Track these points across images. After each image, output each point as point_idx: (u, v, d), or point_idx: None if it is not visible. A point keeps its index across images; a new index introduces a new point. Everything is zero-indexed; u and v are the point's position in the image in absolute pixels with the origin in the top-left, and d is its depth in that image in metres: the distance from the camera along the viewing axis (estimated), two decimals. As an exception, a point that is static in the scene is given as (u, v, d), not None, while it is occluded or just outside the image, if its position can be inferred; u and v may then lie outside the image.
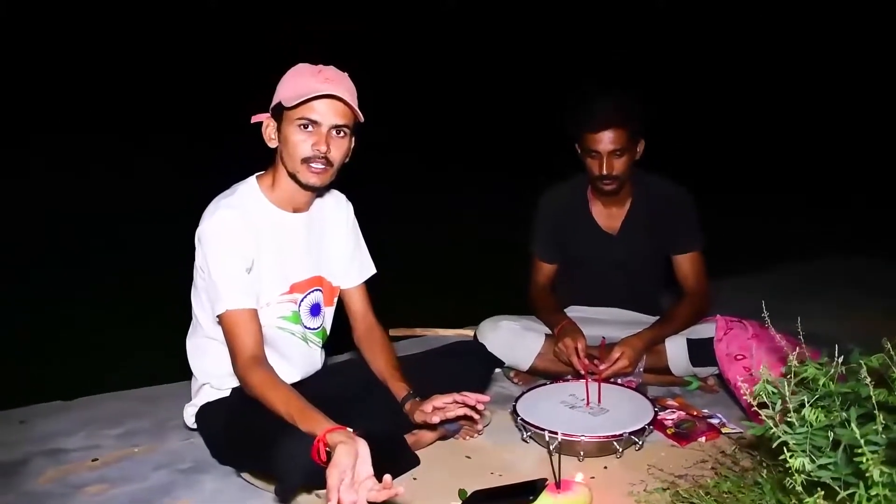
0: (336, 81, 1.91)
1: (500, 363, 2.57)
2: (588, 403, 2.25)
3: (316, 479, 1.77)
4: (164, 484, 2.02)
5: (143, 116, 8.80)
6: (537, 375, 2.57)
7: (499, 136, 8.07)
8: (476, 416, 1.98)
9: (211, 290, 1.93)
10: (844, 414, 1.47)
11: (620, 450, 2.06)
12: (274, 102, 1.94)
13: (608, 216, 2.70)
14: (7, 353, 3.29)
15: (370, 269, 2.28)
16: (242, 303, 1.91)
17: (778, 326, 1.90)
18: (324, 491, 1.78)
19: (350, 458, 1.58)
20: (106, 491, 1.99)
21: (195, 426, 2.12)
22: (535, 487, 1.80)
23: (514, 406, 2.22)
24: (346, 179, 2.08)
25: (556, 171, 2.76)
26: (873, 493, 1.21)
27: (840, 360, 1.62)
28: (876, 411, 1.38)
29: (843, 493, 1.28)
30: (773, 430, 1.44)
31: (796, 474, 1.34)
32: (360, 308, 2.25)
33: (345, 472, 1.56)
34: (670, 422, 2.26)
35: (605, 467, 2.06)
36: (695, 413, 2.31)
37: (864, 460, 1.22)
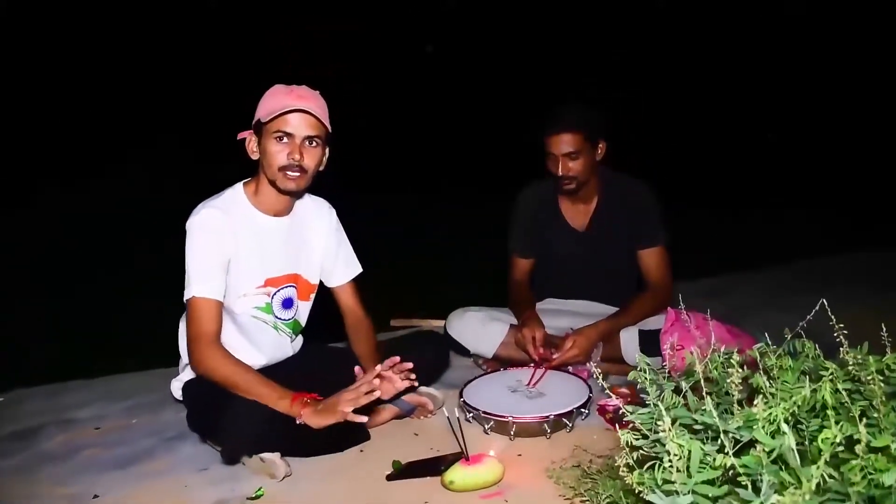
0: (307, 98, 2.16)
1: (464, 351, 2.77)
2: (531, 388, 2.42)
3: (258, 444, 2.05)
4: (148, 448, 2.34)
5: (142, 116, 9.00)
6: (501, 363, 2.75)
7: (498, 135, 8.10)
8: (411, 380, 2.19)
9: (187, 275, 2.19)
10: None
11: (549, 431, 2.23)
12: (254, 120, 2.21)
13: (576, 214, 2.85)
14: (42, 337, 3.71)
15: (355, 269, 2.52)
16: (208, 292, 2.16)
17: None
18: (267, 454, 2.06)
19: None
20: (99, 454, 2.32)
21: (181, 398, 2.41)
22: (448, 460, 2.00)
23: (462, 389, 2.42)
24: (350, 181, 2.29)
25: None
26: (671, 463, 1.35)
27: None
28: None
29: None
30: (622, 411, 1.60)
31: (626, 449, 1.50)
32: (348, 304, 2.50)
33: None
34: (611, 408, 2.41)
35: (516, 452, 2.23)
36: (634, 400, 2.44)
37: (664, 433, 1.36)
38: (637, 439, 1.51)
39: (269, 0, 12.70)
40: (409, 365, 2.19)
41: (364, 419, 2.16)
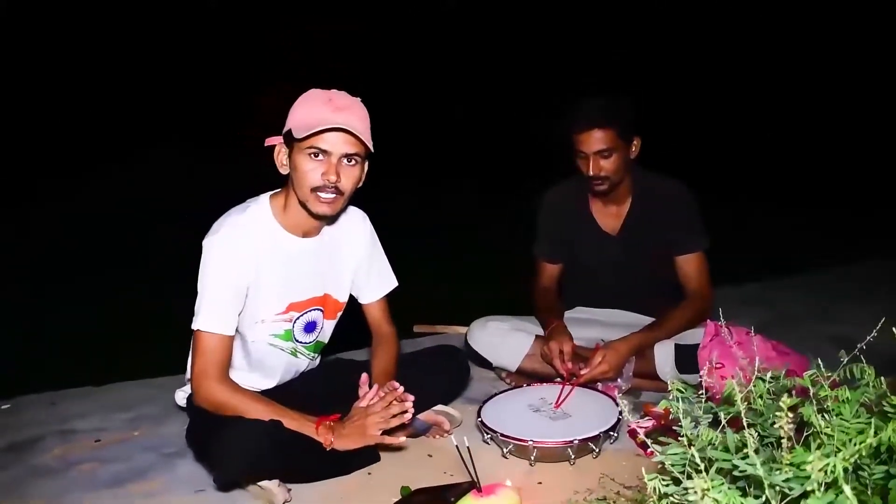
0: (347, 110, 1.91)
1: (487, 364, 2.59)
2: (555, 408, 2.23)
3: (252, 471, 1.90)
4: (144, 465, 2.20)
5: (142, 116, 8.81)
6: (526, 376, 2.56)
7: (499, 135, 7.89)
8: (407, 409, 1.98)
9: (197, 301, 2.00)
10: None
11: (573, 457, 2.04)
12: (285, 129, 1.96)
13: (608, 216, 2.64)
14: (51, 343, 3.58)
15: (390, 284, 2.31)
16: (217, 328, 1.96)
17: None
18: (265, 482, 1.90)
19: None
20: (95, 469, 2.20)
21: (185, 406, 2.24)
22: (460, 489, 1.82)
23: (480, 407, 2.24)
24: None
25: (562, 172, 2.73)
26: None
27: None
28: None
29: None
30: (651, 449, 1.40)
31: (654, 498, 1.30)
32: (376, 320, 2.31)
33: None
34: (643, 431, 2.20)
35: (537, 481, 2.04)
36: (670, 423, 2.23)
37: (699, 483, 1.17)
38: (666, 485, 1.31)
39: (269, 0, 12.64)
40: (410, 402, 1.98)
41: (402, 441, 2.02)
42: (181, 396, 2.26)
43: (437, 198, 6.24)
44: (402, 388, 2.00)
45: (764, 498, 1.16)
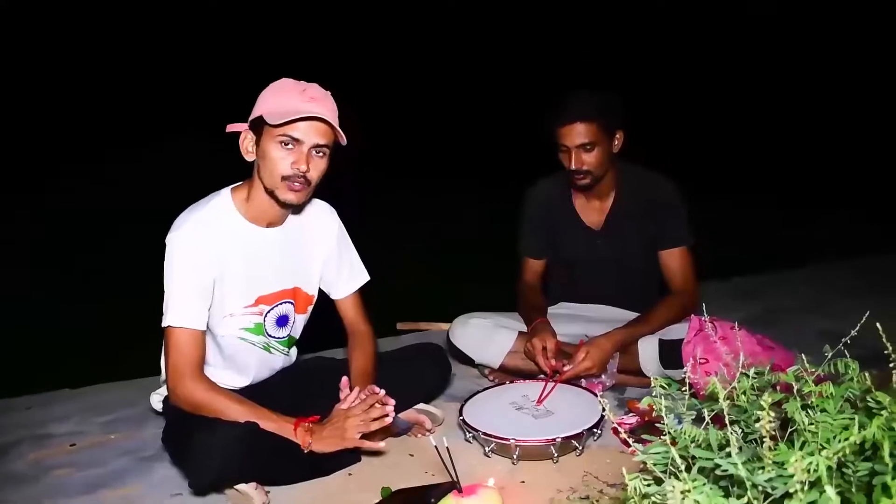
0: (321, 102, 1.90)
1: (469, 361, 2.56)
2: (538, 405, 2.19)
3: (227, 475, 1.86)
4: (120, 470, 2.16)
5: (141, 116, 8.84)
6: (508, 373, 2.53)
7: (505, 126, 7.85)
8: (388, 413, 1.94)
9: (165, 300, 1.96)
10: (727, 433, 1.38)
11: (556, 455, 2.00)
12: (254, 115, 1.93)
13: (592, 211, 2.61)
14: (29, 345, 3.54)
15: (362, 278, 2.28)
16: (189, 322, 1.93)
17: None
18: (241, 486, 1.86)
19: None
20: (70, 474, 2.15)
21: (161, 411, 2.20)
22: (440, 490, 1.78)
23: (462, 405, 2.21)
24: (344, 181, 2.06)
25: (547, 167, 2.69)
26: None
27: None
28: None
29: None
30: (632, 447, 1.37)
31: (635, 498, 1.27)
32: (350, 317, 2.27)
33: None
34: (627, 427, 2.18)
35: (519, 479, 2.01)
36: (654, 419, 2.20)
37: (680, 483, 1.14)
38: (648, 484, 1.28)
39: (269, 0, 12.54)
40: (391, 406, 1.95)
41: (381, 446, 1.99)
42: (156, 400, 2.21)
43: (422, 193, 6.22)
44: (383, 392, 1.97)
45: (746, 498, 1.13)
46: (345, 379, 2.05)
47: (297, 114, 1.85)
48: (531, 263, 2.72)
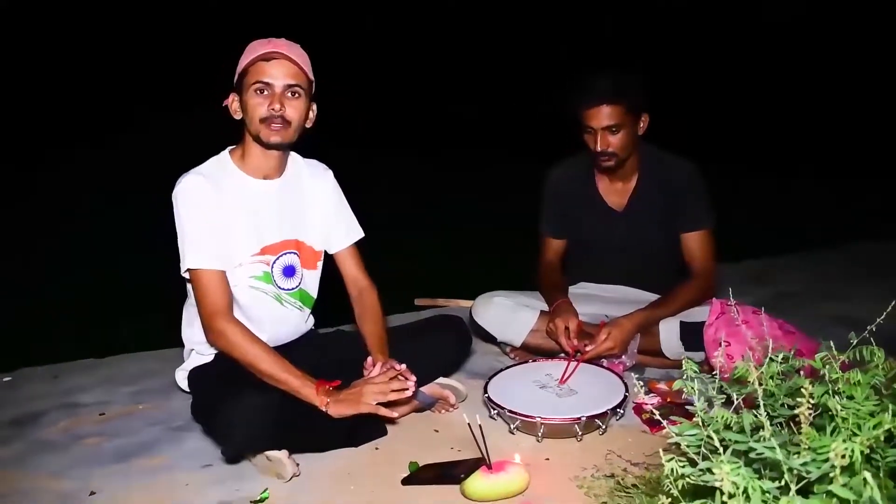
0: (285, 47, 2.02)
1: (491, 338, 2.60)
2: (561, 384, 2.23)
3: (262, 441, 1.90)
4: (150, 440, 2.19)
5: (141, 115, 8.76)
6: (530, 352, 2.56)
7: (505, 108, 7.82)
8: (408, 387, 1.99)
9: (180, 248, 2.04)
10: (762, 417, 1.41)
11: (580, 433, 2.04)
12: (235, 78, 2.06)
13: (614, 193, 2.63)
14: (55, 314, 3.58)
15: (356, 234, 2.33)
16: (209, 263, 2.01)
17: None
18: (273, 452, 1.91)
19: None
20: (100, 443, 2.19)
21: (188, 389, 2.26)
22: (468, 466, 1.83)
23: (487, 382, 2.24)
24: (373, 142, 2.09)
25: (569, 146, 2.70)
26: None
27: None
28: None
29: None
30: (666, 430, 1.40)
31: (671, 478, 1.30)
32: (350, 271, 2.31)
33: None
34: (649, 406, 2.21)
35: (547, 458, 2.05)
36: (675, 400, 2.24)
37: (720, 466, 1.17)
38: (683, 466, 1.31)
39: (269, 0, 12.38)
40: (412, 382, 2.00)
41: (395, 415, 2.03)
42: (181, 377, 2.25)
43: (439, 170, 6.20)
44: (404, 366, 2.02)
45: (782, 481, 1.16)
46: (370, 359, 2.09)
47: (260, 55, 1.98)
48: (552, 243, 2.74)
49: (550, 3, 12.23)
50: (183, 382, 2.25)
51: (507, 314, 2.57)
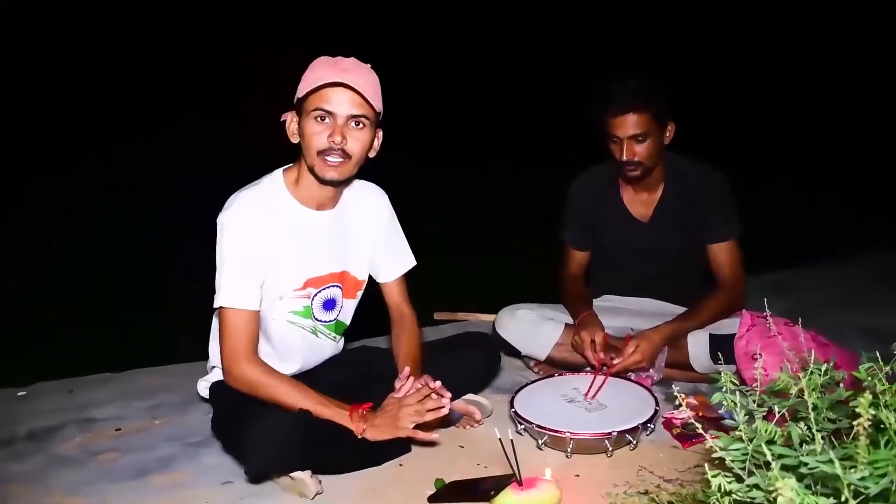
0: (352, 72, 1.87)
1: (514, 352, 2.54)
2: (590, 398, 2.17)
3: (284, 461, 1.84)
4: (168, 456, 2.14)
5: (141, 115, 8.66)
6: (555, 366, 2.51)
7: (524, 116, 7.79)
8: (443, 405, 1.93)
9: (217, 280, 1.95)
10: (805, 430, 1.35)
11: (611, 448, 1.98)
12: (295, 98, 1.93)
13: (639, 203, 2.57)
14: (69, 328, 3.54)
15: (408, 263, 2.25)
16: (240, 303, 1.92)
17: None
18: (297, 473, 1.85)
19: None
20: (116, 459, 2.14)
21: (208, 397, 2.19)
22: (497, 482, 1.77)
23: (513, 397, 2.19)
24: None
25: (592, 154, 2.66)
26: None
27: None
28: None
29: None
30: (708, 444, 1.35)
31: (717, 495, 1.24)
32: (394, 300, 2.25)
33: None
34: (679, 421, 2.15)
35: (576, 474, 1.99)
36: (706, 414, 2.18)
37: (773, 480, 1.11)
38: (730, 481, 1.25)
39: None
40: (447, 399, 1.94)
41: (435, 437, 1.97)
42: (203, 387, 2.20)
43: (460, 178, 6.16)
44: (438, 383, 1.95)
45: (843, 497, 1.10)
46: (406, 368, 2.02)
47: (323, 81, 1.84)
48: (575, 254, 2.68)
49: (550, 3, 12.26)
50: (204, 392, 2.19)
51: (531, 327, 2.51)
